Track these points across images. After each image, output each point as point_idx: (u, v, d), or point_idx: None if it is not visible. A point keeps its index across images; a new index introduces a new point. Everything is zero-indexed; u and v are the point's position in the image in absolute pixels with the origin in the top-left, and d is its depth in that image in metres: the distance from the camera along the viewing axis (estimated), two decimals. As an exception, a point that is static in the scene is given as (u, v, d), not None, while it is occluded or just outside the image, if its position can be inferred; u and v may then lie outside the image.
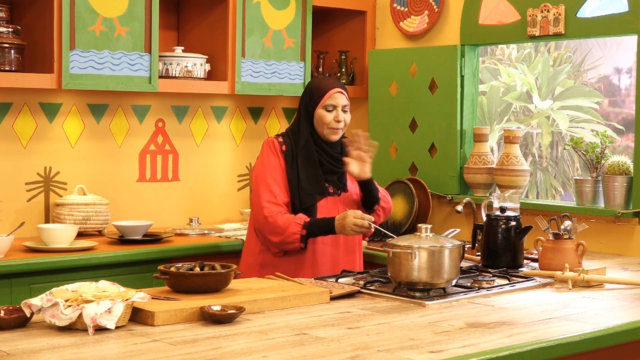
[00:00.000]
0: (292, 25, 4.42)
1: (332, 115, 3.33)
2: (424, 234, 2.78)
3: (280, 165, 3.30)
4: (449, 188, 4.30)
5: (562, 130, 6.78)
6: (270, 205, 3.23)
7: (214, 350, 2.08)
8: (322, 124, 3.33)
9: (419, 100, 4.39)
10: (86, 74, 3.77)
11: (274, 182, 3.27)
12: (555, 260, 3.11)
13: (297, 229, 3.19)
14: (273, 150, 3.32)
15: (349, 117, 3.40)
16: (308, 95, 3.37)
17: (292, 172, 3.29)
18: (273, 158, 3.31)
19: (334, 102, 3.33)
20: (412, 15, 4.50)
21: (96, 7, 3.79)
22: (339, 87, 3.36)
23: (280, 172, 3.29)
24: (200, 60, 4.17)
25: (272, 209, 3.22)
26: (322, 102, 3.32)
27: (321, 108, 3.33)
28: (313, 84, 3.41)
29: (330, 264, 3.32)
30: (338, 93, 3.34)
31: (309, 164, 3.32)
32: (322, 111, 3.33)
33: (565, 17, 3.86)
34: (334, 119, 3.33)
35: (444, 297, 2.70)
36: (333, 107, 3.34)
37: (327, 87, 3.35)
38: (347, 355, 2.05)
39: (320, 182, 3.31)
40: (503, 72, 7.01)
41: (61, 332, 2.21)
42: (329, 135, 3.34)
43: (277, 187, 3.27)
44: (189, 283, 2.57)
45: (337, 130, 3.35)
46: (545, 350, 2.21)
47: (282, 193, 3.26)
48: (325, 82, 3.39)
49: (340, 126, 3.36)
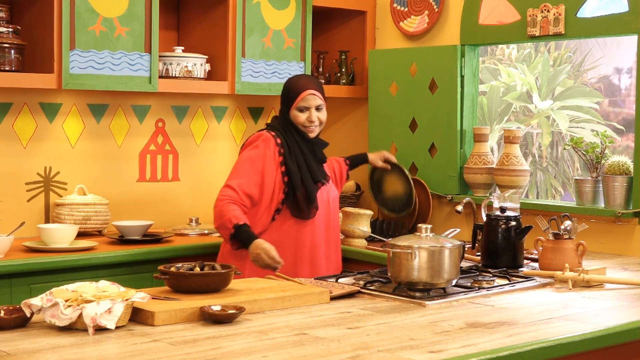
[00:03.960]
0: (292, 25, 4.42)
1: (305, 115, 3.45)
2: (424, 234, 2.78)
3: (271, 161, 3.39)
4: (449, 188, 4.30)
5: (562, 130, 6.78)
6: (228, 191, 3.33)
7: (214, 350, 2.08)
8: (296, 123, 3.46)
9: (419, 100, 4.39)
10: (86, 74, 3.77)
11: (250, 172, 3.37)
12: (555, 260, 3.11)
13: (229, 225, 3.27)
14: (268, 145, 3.41)
15: (324, 114, 3.51)
16: (284, 95, 3.51)
17: (292, 164, 3.41)
18: (265, 152, 3.40)
19: (306, 103, 3.44)
20: (412, 15, 4.50)
21: (96, 7, 3.79)
22: (312, 88, 3.46)
23: (264, 168, 3.38)
24: (200, 60, 4.16)
25: (228, 194, 3.32)
26: (295, 104, 3.44)
27: (295, 109, 3.45)
28: (288, 84, 3.52)
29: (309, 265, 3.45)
30: (310, 95, 3.44)
31: (306, 155, 3.46)
32: (295, 112, 3.46)
33: (566, 17, 3.86)
34: (306, 119, 3.45)
35: (444, 297, 2.70)
36: (306, 108, 3.45)
37: (299, 89, 3.45)
38: (347, 355, 2.05)
39: (322, 170, 3.52)
40: (503, 72, 7.00)
41: (61, 332, 2.21)
42: (308, 134, 3.49)
43: (249, 178, 3.36)
44: (189, 283, 2.57)
45: (312, 129, 3.48)
46: (545, 350, 2.21)
47: (251, 185, 3.35)
48: (298, 84, 3.48)
49: (315, 125, 3.48)
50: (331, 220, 3.53)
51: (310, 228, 3.45)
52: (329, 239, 3.53)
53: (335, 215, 3.57)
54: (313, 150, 3.50)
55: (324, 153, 3.59)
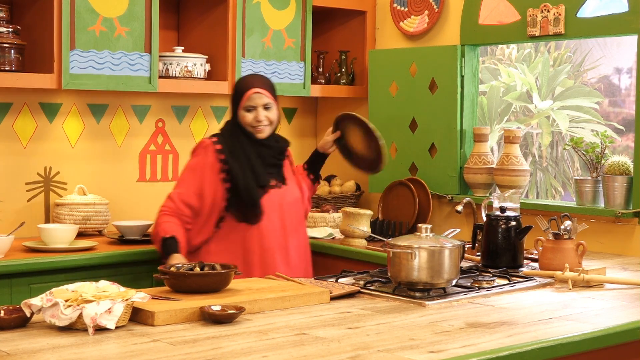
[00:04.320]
0: (292, 25, 4.42)
1: (252, 115, 3.36)
2: (424, 234, 2.78)
3: (210, 168, 3.34)
4: (449, 188, 4.30)
5: (562, 130, 6.78)
6: (168, 202, 3.35)
7: (214, 350, 2.08)
8: (244, 124, 3.37)
9: (419, 100, 4.39)
10: (86, 74, 3.77)
11: (189, 181, 3.35)
12: (555, 260, 3.11)
13: (157, 238, 3.30)
14: (207, 152, 3.36)
15: (273, 113, 3.40)
16: (232, 96, 3.44)
17: (234, 168, 3.33)
18: (204, 160, 3.36)
19: (252, 102, 3.36)
20: (412, 15, 4.50)
21: (96, 7, 3.79)
22: (258, 86, 3.37)
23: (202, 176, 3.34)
24: (200, 60, 4.16)
25: (167, 205, 3.34)
26: (241, 104, 3.37)
27: (242, 109, 3.37)
28: (236, 83, 3.48)
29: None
30: (255, 94, 3.36)
31: (251, 158, 3.36)
32: (242, 112, 3.37)
33: (565, 17, 3.86)
34: (254, 119, 3.36)
35: (444, 297, 2.70)
36: (252, 107, 3.36)
37: (245, 88, 3.38)
38: (347, 355, 2.05)
39: (262, 175, 3.36)
40: (503, 72, 7.00)
41: (61, 332, 2.21)
42: (255, 134, 3.38)
43: (188, 187, 3.34)
44: (189, 283, 2.57)
45: (260, 129, 3.38)
46: (545, 350, 2.21)
47: (190, 195, 3.33)
48: (244, 83, 3.41)
49: (263, 125, 3.37)
50: (288, 224, 3.42)
51: (258, 233, 3.36)
52: (287, 244, 3.42)
53: (296, 219, 3.46)
54: (262, 152, 3.39)
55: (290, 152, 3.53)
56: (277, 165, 3.44)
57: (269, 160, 3.41)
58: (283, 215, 3.40)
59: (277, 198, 3.38)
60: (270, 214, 3.36)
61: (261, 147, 3.39)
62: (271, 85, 3.43)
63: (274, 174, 3.42)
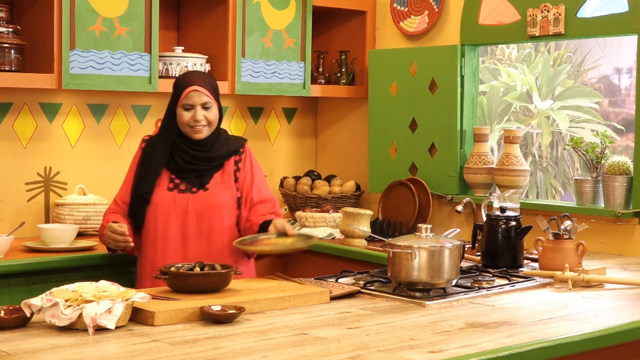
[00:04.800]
0: (292, 25, 4.42)
1: (189, 114, 3.18)
2: (424, 234, 2.78)
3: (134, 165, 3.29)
4: (449, 188, 4.30)
5: (562, 130, 6.78)
6: (112, 204, 3.30)
7: (214, 350, 2.08)
8: (181, 123, 3.20)
9: (419, 100, 4.39)
10: (86, 74, 3.77)
11: (127, 180, 3.29)
12: (555, 260, 3.11)
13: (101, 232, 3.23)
14: (138, 151, 3.31)
15: (212, 113, 3.20)
16: (172, 92, 3.28)
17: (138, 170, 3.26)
18: (134, 159, 3.31)
19: (190, 101, 3.17)
20: (412, 15, 4.50)
21: (96, 7, 3.79)
22: (197, 84, 3.18)
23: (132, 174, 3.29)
24: (200, 60, 4.16)
25: (110, 207, 3.29)
26: (180, 101, 3.19)
27: (180, 107, 3.19)
28: (176, 80, 3.29)
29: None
30: (194, 92, 3.17)
31: (151, 161, 3.23)
32: (180, 110, 3.19)
33: (566, 17, 3.86)
34: (191, 118, 3.17)
35: (444, 297, 2.70)
36: (190, 106, 3.18)
37: (184, 85, 3.20)
38: (347, 355, 2.05)
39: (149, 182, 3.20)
40: (503, 72, 7.00)
41: (61, 332, 2.21)
42: (191, 134, 3.20)
43: (126, 186, 3.28)
44: (189, 283, 2.57)
45: (198, 129, 3.19)
46: (545, 350, 2.21)
47: (127, 193, 3.27)
48: (184, 80, 3.23)
49: (201, 125, 3.18)
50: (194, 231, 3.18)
51: (153, 241, 3.20)
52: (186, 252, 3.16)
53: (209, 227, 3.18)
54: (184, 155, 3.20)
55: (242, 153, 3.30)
56: (201, 171, 3.22)
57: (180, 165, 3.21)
58: (186, 221, 3.17)
59: (184, 203, 3.17)
60: (168, 219, 3.17)
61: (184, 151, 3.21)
62: (212, 84, 3.24)
63: (188, 179, 3.21)
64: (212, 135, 3.22)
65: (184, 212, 3.17)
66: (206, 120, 3.18)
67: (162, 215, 3.18)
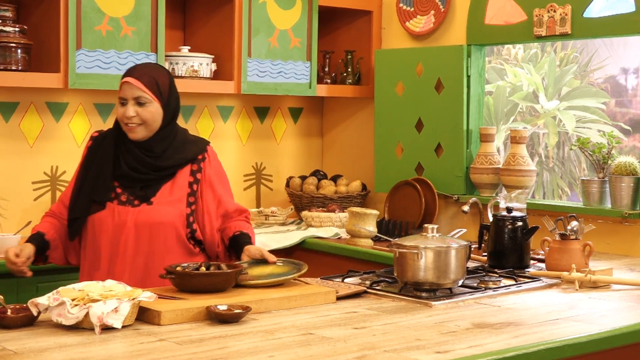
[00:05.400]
0: (298, 25, 4.42)
1: (123, 109, 2.78)
2: (430, 234, 2.77)
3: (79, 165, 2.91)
4: (455, 188, 4.29)
5: (568, 130, 6.77)
6: (54, 206, 2.94)
7: (221, 349, 2.08)
8: (118, 119, 2.82)
9: (425, 100, 4.39)
10: (92, 73, 3.77)
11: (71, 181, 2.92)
12: (562, 261, 3.10)
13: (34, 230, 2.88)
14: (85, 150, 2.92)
15: (148, 111, 2.77)
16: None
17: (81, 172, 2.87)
18: (81, 159, 2.93)
19: (122, 94, 2.79)
20: (418, 15, 4.49)
21: (102, 7, 3.79)
22: (133, 76, 2.78)
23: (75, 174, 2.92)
24: (206, 60, 4.17)
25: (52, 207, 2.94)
26: (118, 94, 2.82)
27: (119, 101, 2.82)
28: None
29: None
30: (125, 83, 2.78)
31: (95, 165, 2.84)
32: (118, 104, 2.82)
33: (572, 17, 3.85)
34: (122, 114, 2.78)
35: (451, 298, 2.69)
36: (124, 99, 2.79)
37: (123, 77, 2.81)
38: (353, 356, 2.05)
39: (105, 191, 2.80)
40: (509, 72, 6.99)
41: (68, 331, 2.21)
42: (127, 133, 2.80)
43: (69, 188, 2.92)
44: (195, 283, 2.57)
45: (130, 128, 2.78)
46: (552, 351, 2.21)
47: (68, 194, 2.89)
48: (126, 71, 2.83)
49: (133, 123, 2.77)
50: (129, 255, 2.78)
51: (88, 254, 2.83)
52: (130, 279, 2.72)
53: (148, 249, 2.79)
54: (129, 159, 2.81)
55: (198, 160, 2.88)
56: (146, 181, 2.82)
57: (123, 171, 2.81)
58: (124, 238, 2.77)
59: (122, 217, 2.77)
60: (102, 233, 2.78)
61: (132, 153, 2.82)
62: (155, 78, 2.80)
63: (130, 188, 2.81)
64: (160, 138, 2.82)
65: (120, 227, 2.77)
66: (139, 118, 2.77)
67: (97, 228, 2.79)
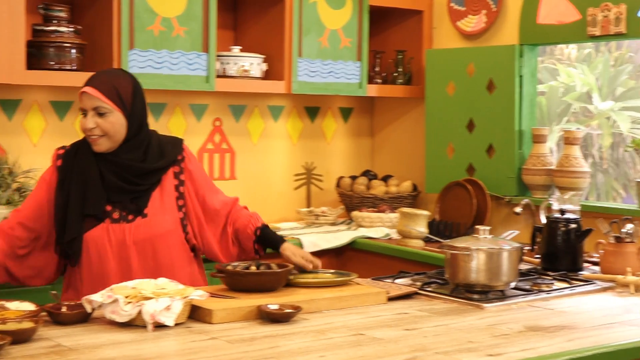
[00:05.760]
0: (349, 24, 4.42)
1: (84, 120, 2.63)
2: (482, 235, 2.75)
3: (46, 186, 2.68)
4: (507, 189, 4.25)
5: (623, 131, 6.67)
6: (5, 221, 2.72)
7: (272, 349, 2.09)
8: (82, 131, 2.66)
9: (477, 101, 4.35)
10: (145, 73, 3.81)
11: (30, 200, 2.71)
12: (616, 264, 3.05)
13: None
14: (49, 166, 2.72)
15: (108, 122, 2.61)
16: None
17: (60, 192, 2.64)
18: (43, 176, 2.71)
19: (82, 104, 2.64)
20: (469, 15, 4.46)
21: (155, 7, 3.83)
22: (92, 84, 2.63)
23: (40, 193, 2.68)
24: (257, 59, 4.18)
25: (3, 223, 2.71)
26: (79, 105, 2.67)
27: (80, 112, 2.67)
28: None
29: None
30: (83, 94, 2.62)
31: (77, 180, 2.64)
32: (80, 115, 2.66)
33: (627, 17, 3.79)
34: (82, 126, 2.63)
35: (503, 300, 2.67)
36: (84, 110, 2.63)
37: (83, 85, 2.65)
38: (404, 357, 2.04)
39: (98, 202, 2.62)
40: (562, 72, 6.91)
41: (121, 328, 2.24)
42: (91, 145, 2.64)
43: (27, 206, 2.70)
44: (245, 282, 2.58)
45: (93, 140, 2.62)
46: (606, 355, 2.17)
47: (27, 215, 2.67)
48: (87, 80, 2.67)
49: (95, 134, 2.61)
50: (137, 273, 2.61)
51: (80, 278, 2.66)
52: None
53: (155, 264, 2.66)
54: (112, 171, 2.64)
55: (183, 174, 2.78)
56: (136, 192, 2.66)
57: (111, 184, 2.64)
58: (126, 257, 2.63)
59: (119, 236, 2.62)
60: (103, 256, 2.62)
61: (111, 165, 2.65)
62: (114, 86, 2.65)
63: (121, 203, 2.65)
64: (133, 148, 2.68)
65: (120, 246, 2.63)
66: (100, 129, 2.60)
67: (94, 252, 2.62)
